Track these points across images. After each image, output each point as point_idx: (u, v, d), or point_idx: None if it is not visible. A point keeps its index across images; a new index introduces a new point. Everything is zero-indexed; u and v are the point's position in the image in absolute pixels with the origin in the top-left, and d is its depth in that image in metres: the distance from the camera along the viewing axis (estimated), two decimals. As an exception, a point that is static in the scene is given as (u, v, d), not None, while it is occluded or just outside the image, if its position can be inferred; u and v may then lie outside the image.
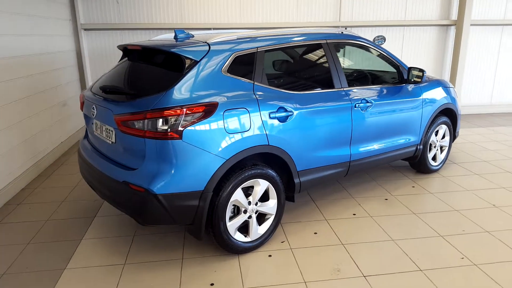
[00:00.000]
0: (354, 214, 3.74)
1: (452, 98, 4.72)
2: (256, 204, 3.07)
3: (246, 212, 3.02)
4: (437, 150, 4.78)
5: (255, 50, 3.08)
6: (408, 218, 3.67)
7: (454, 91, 4.87)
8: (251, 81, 3.02)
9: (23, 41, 4.70)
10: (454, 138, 5.00)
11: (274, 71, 3.65)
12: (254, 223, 3.08)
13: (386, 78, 4.42)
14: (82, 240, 3.35)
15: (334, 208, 3.88)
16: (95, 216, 3.78)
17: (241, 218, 3.01)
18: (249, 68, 3.05)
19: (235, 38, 3.07)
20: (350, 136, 3.62)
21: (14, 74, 4.42)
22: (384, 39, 7.64)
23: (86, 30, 6.68)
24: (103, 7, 6.66)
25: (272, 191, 3.14)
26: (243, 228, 3.08)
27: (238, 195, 2.93)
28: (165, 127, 2.56)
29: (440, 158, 4.86)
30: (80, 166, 3.47)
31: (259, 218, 3.16)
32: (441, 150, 4.88)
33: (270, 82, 3.16)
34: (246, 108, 2.87)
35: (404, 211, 3.80)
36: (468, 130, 6.88)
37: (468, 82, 8.26)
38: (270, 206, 3.16)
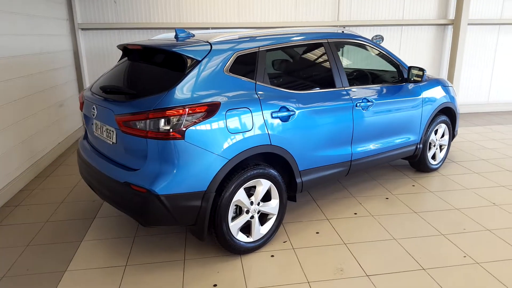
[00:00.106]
0: (355, 213, 3.74)
1: (451, 97, 4.73)
2: (258, 204, 3.06)
3: (248, 212, 3.01)
4: (436, 149, 4.78)
5: (257, 50, 3.07)
6: (409, 217, 3.67)
7: (453, 90, 4.88)
8: (253, 80, 3.00)
9: (20, 40, 4.65)
10: (453, 137, 5.02)
11: (275, 71, 3.64)
12: (256, 223, 3.07)
13: (386, 77, 4.42)
14: (82, 241, 3.32)
15: (335, 207, 3.87)
16: (95, 217, 3.75)
17: (243, 219, 2.99)
18: (251, 67, 3.04)
19: (237, 37, 3.05)
20: (351, 135, 3.61)
21: (11, 74, 4.38)
22: (382, 39, 7.67)
23: (83, 29, 6.63)
24: (101, 7, 6.61)
25: (274, 191, 3.13)
26: (245, 228, 3.07)
27: (241, 195, 2.91)
28: (167, 127, 2.54)
29: (439, 157, 4.87)
30: (79, 166, 3.44)
31: (261, 218, 3.15)
32: (440, 149, 4.88)
33: (272, 82, 3.15)
34: (248, 107, 2.85)
35: (405, 210, 3.80)
36: (466, 129, 6.90)
37: (465, 81, 8.29)
38: (272, 206, 3.15)
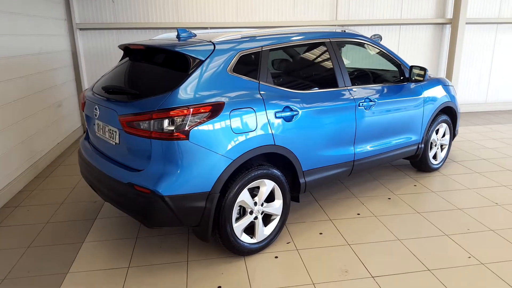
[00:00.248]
0: (358, 214, 3.72)
1: (452, 96, 4.73)
2: (262, 204, 3.04)
3: (252, 213, 2.99)
4: (437, 148, 4.78)
5: (260, 49, 3.05)
6: (412, 217, 3.66)
7: (454, 90, 4.88)
8: (257, 80, 2.98)
9: (19, 40, 4.61)
10: (454, 137, 5.01)
11: (278, 70, 3.61)
12: (260, 224, 3.05)
13: (387, 77, 4.41)
14: (84, 243, 3.28)
15: (338, 208, 3.85)
16: (96, 218, 3.71)
17: (247, 219, 2.97)
18: (254, 67, 3.02)
19: (240, 37, 3.02)
20: (354, 135, 3.60)
21: (11, 75, 4.33)
22: (380, 38, 7.68)
23: (81, 29, 6.58)
24: (99, 7, 6.56)
25: (277, 192, 3.11)
26: (249, 229, 3.04)
27: (245, 196, 2.89)
28: (171, 128, 2.51)
29: (440, 156, 4.86)
30: (80, 167, 3.41)
31: (265, 219, 3.13)
32: (441, 148, 4.88)
33: (275, 81, 3.13)
34: (252, 107, 2.83)
35: (408, 210, 3.79)
36: (465, 128, 6.91)
37: (463, 81, 8.30)
38: (276, 206, 3.13)
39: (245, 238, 2.99)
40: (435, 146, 4.74)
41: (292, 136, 3.08)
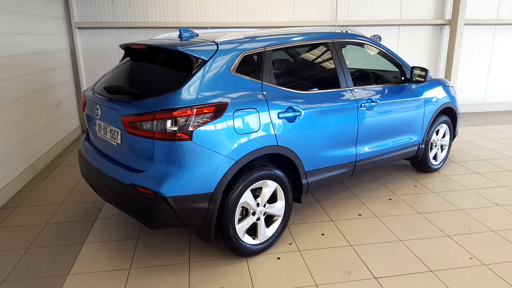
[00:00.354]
0: (359, 215, 3.72)
1: (452, 97, 4.74)
2: (264, 205, 3.02)
3: (254, 214, 2.97)
4: (437, 149, 4.79)
5: (263, 50, 3.03)
6: (413, 218, 3.65)
7: (454, 90, 4.88)
8: (259, 80, 2.97)
9: (18, 39, 4.57)
10: (453, 137, 5.02)
11: (281, 71, 3.60)
12: (263, 225, 3.03)
13: (388, 78, 4.41)
14: (84, 244, 3.26)
15: (339, 208, 3.85)
16: (96, 219, 3.68)
17: (249, 220, 2.95)
18: (257, 67, 3.00)
19: (242, 37, 3.00)
20: (356, 136, 3.59)
21: (10, 74, 4.29)
22: (380, 38, 7.66)
23: (80, 28, 6.54)
24: (98, 5, 6.52)
25: (280, 192, 3.10)
26: (251, 230, 3.03)
27: (247, 197, 2.87)
28: (174, 128, 2.50)
29: (440, 157, 4.87)
30: (81, 167, 3.38)
31: (267, 220, 3.11)
32: (441, 149, 4.89)
33: (278, 82, 3.11)
34: (255, 108, 2.82)
35: (409, 211, 3.79)
36: (464, 129, 6.92)
37: (462, 81, 8.32)
38: (278, 207, 3.11)
39: (247, 239, 2.98)
40: (436, 146, 4.74)
41: (294, 136, 3.07)
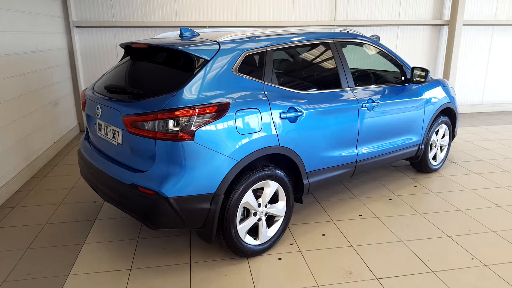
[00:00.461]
0: (360, 215, 3.71)
1: (451, 98, 4.75)
2: (266, 206, 3.01)
3: (256, 214, 2.96)
4: (437, 149, 4.79)
5: (265, 49, 3.02)
6: (414, 219, 3.66)
7: (453, 91, 4.89)
8: (261, 80, 2.95)
9: (16, 38, 4.53)
10: (453, 137, 5.03)
11: (283, 70, 3.59)
12: (264, 226, 3.02)
13: (389, 78, 4.41)
14: (84, 244, 3.24)
15: (339, 209, 3.84)
16: (96, 219, 3.66)
17: (251, 221, 2.94)
18: (259, 67, 2.99)
19: (244, 37, 2.99)
20: (357, 136, 3.59)
21: (8, 73, 4.26)
22: (378, 38, 7.67)
23: (78, 27, 6.50)
24: (96, 4, 6.48)
25: (281, 193, 3.09)
26: (252, 230, 3.02)
27: (249, 197, 2.86)
28: (176, 128, 2.48)
29: (440, 157, 4.88)
30: (81, 167, 3.36)
31: (268, 220, 3.10)
32: (440, 149, 4.89)
33: (279, 82, 3.10)
34: (257, 108, 2.81)
35: (409, 211, 3.79)
36: (462, 129, 6.94)
37: (460, 82, 8.35)
38: (280, 208, 3.10)
39: (248, 240, 2.97)
40: (435, 147, 4.75)
41: (296, 136, 3.06)
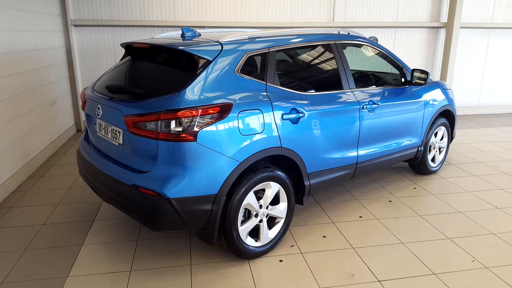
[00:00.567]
0: (360, 217, 3.71)
1: (450, 100, 4.76)
2: (267, 207, 3.00)
3: (257, 216, 2.94)
4: (436, 151, 4.80)
5: (267, 50, 3.01)
6: (414, 220, 3.65)
7: (452, 93, 4.91)
8: (264, 81, 2.94)
9: (12, 36, 4.48)
10: (451, 139, 5.05)
11: (285, 72, 3.57)
12: (265, 227, 3.01)
13: (388, 79, 4.41)
14: (83, 245, 3.20)
15: (339, 210, 3.83)
16: (94, 219, 3.63)
17: (252, 222, 2.92)
18: (261, 68, 2.98)
19: (247, 37, 2.97)
20: (358, 137, 3.58)
21: (3, 71, 4.21)
22: (376, 40, 7.69)
23: (76, 26, 6.45)
24: (94, 3, 6.44)
25: (282, 194, 3.07)
26: (253, 232, 2.99)
27: (251, 199, 2.84)
28: (179, 129, 2.46)
29: (438, 159, 4.89)
30: (80, 167, 3.32)
31: (268, 222, 3.08)
32: (439, 151, 4.90)
33: (282, 83, 3.09)
34: (260, 109, 2.79)
35: (409, 213, 3.79)
36: (460, 131, 6.96)
37: (457, 84, 8.38)
38: (281, 209, 3.09)
39: (250, 242, 2.95)
40: (434, 149, 4.76)
41: (298, 138, 3.05)
